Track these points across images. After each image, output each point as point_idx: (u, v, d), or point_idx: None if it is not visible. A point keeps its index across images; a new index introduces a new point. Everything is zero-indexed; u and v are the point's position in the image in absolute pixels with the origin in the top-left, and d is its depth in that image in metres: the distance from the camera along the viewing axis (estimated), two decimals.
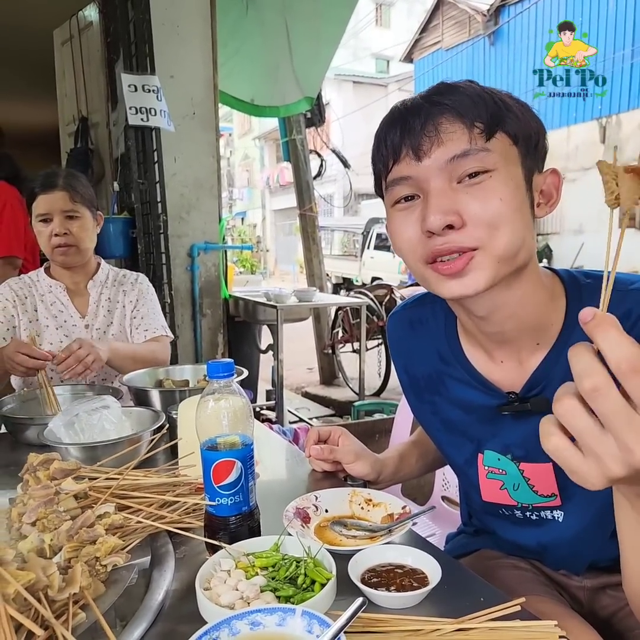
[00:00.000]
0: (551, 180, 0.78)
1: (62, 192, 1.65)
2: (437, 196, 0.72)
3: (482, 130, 0.71)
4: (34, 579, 0.62)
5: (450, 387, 0.89)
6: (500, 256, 0.72)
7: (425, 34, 16.96)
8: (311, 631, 0.57)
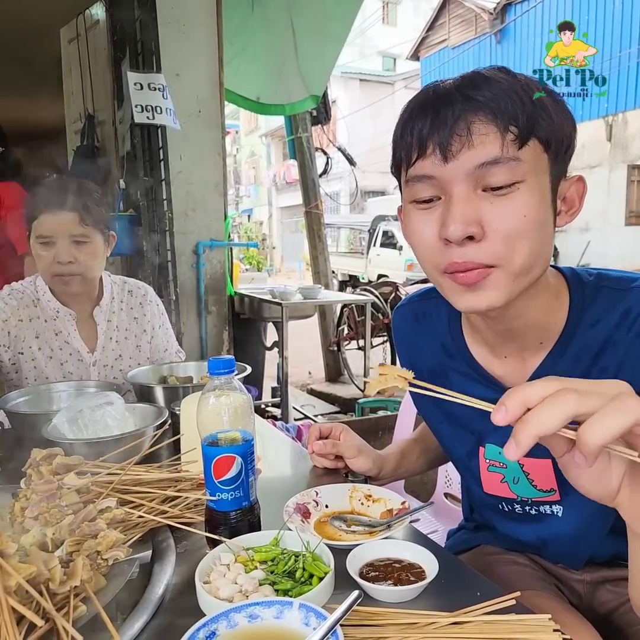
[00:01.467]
0: (576, 187, 0.74)
1: (71, 213, 1.40)
2: (461, 203, 0.68)
3: (515, 136, 0.66)
4: (35, 571, 0.63)
5: (453, 381, 0.89)
6: (517, 274, 0.70)
7: (431, 32, 16.91)
8: (308, 624, 0.58)
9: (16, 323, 1.46)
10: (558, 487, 0.84)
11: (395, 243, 11.24)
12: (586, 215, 11.75)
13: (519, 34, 13.61)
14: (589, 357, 0.77)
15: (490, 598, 0.67)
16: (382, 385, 0.65)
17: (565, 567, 0.93)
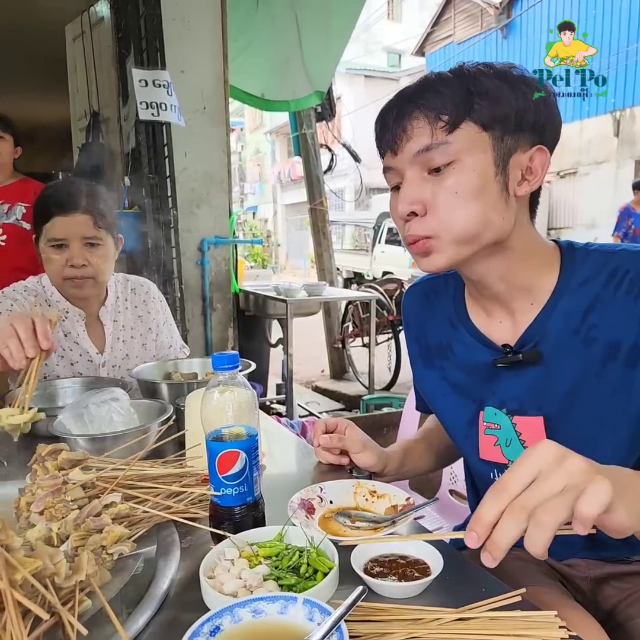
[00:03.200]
0: (539, 159, 0.80)
1: (84, 215, 1.39)
2: (406, 186, 0.81)
3: (446, 123, 0.77)
4: (41, 566, 0.63)
5: (456, 351, 0.94)
6: (457, 240, 0.80)
7: (437, 28, 16.84)
8: (312, 619, 0.58)
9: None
10: None
11: (400, 240, 11.19)
12: (593, 212, 11.70)
13: (525, 29, 13.54)
14: (577, 315, 0.82)
15: (496, 594, 0.67)
16: None
17: (569, 564, 0.93)
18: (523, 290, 0.86)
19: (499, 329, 0.90)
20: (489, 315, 0.91)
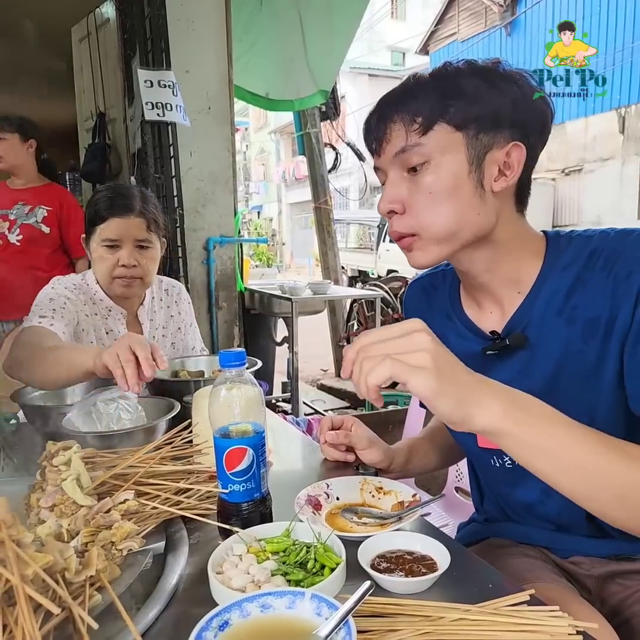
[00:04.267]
0: (515, 154, 0.82)
1: (139, 218, 1.45)
2: (388, 185, 0.85)
3: (419, 125, 0.80)
4: (51, 561, 0.64)
5: (451, 342, 0.95)
6: (436, 239, 0.83)
7: (440, 26, 16.79)
8: (320, 614, 0.59)
9: (84, 317, 1.48)
10: None
11: None
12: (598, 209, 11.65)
13: (529, 26, 13.48)
14: (560, 296, 0.84)
15: (502, 590, 0.67)
16: None
17: (574, 561, 0.94)
18: (510, 281, 0.88)
19: (489, 318, 0.92)
20: (480, 306, 0.94)
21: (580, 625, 0.61)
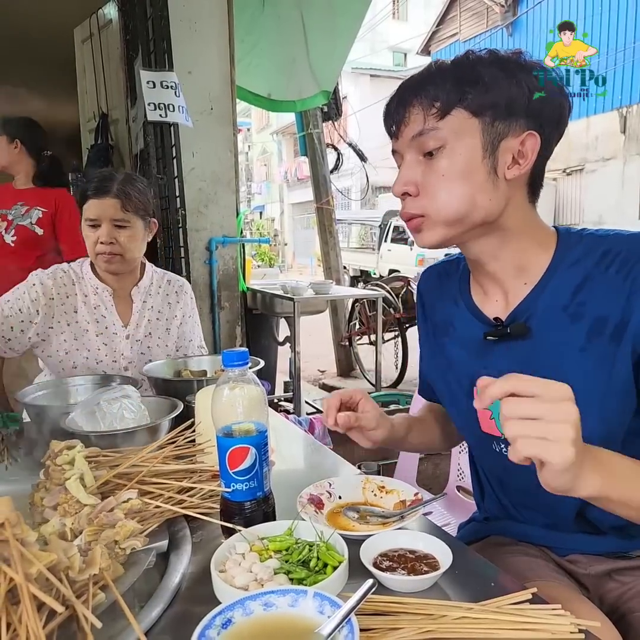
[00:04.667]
0: (530, 143, 0.83)
1: (114, 199, 1.55)
2: (403, 168, 0.87)
3: (437, 109, 0.82)
4: (55, 559, 0.64)
5: (457, 327, 0.99)
6: (445, 221, 0.85)
7: (442, 26, 16.80)
8: (322, 612, 0.59)
9: (46, 301, 1.59)
10: None
11: (407, 238, 11.19)
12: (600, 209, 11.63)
13: (531, 26, 13.48)
14: (567, 292, 0.85)
15: (504, 588, 0.68)
16: None
17: (572, 560, 0.94)
18: (516, 270, 0.90)
19: (493, 306, 0.94)
20: (486, 293, 0.95)
21: (582, 624, 0.61)
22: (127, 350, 1.65)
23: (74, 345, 1.60)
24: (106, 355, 1.63)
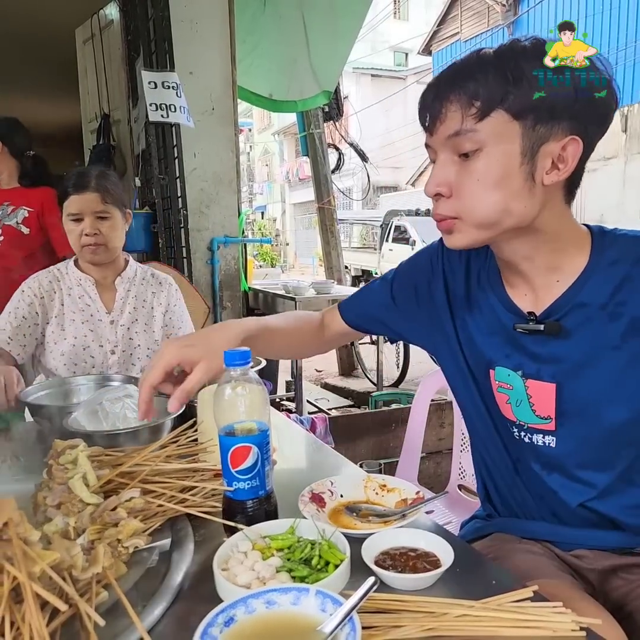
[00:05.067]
0: (571, 147, 0.79)
1: (94, 193, 1.65)
2: (437, 167, 0.85)
3: (477, 109, 0.77)
4: (58, 558, 0.64)
5: (484, 311, 0.97)
6: (477, 225, 0.84)
7: (443, 26, 16.79)
8: (325, 610, 0.59)
9: (39, 302, 1.71)
10: (555, 415, 0.89)
11: (408, 238, 11.21)
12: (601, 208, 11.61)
13: (532, 26, 13.45)
14: (607, 291, 0.85)
15: (506, 587, 0.68)
16: None
17: (577, 555, 0.94)
18: (549, 269, 0.89)
19: (522, 299, 0.93)
20: (513, 286, 0.94)
21: (584, 621, 0.61)
22: (112, 335, 1.73)
23: (61, 335, 1.69)
24: (92, 340, 1.71)
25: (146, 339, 1.76)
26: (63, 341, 1.68)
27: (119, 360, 1.71)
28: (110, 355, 1.70)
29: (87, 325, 1.72)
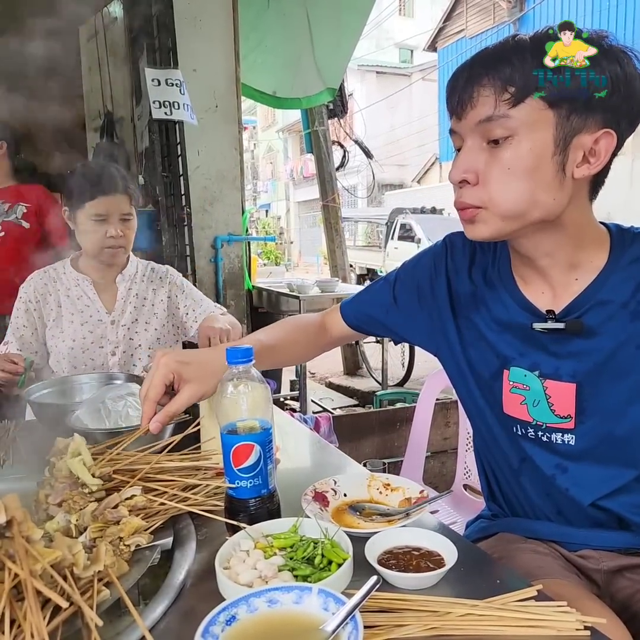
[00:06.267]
0: (604, 141, 0.78)
1: (123, 195, 1.64)
2: (464, 153, 0.82)
3: (511, 95, 0.75)
4: (60, 556, 0.64)
5: (491, 306, 0.95)
6: (502, 215, 0.81)
7: (449, 23, 16.72)
8: (327, 609, 0.59)
9: (34, 306, 1.69)
10: (575, 414, 0.88)
11: (413, 236, 11.18)
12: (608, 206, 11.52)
13: (538, 22, 13.37)
14: (628, 289, 0.84)
15: (511, 586, 0.67)
16: None
17: (583, 555, 0.93)
18: (568, 267, 0.87)
19: (540, 297, 0.91)
20: (528, 283, 0.92)
21: (588, 620, 0.60)
22: (113, 335, 1.70)
23: (60, 338, 1.67)
24: (92, 342, 1.68)
25: (147, 339, 1.73)
26: (62, 344, 1.66)
27: (119, 361, 1.69)
28: (110, 356, 1.68)
29: (87, 326, 1.69)
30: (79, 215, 1.64)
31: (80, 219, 1.64)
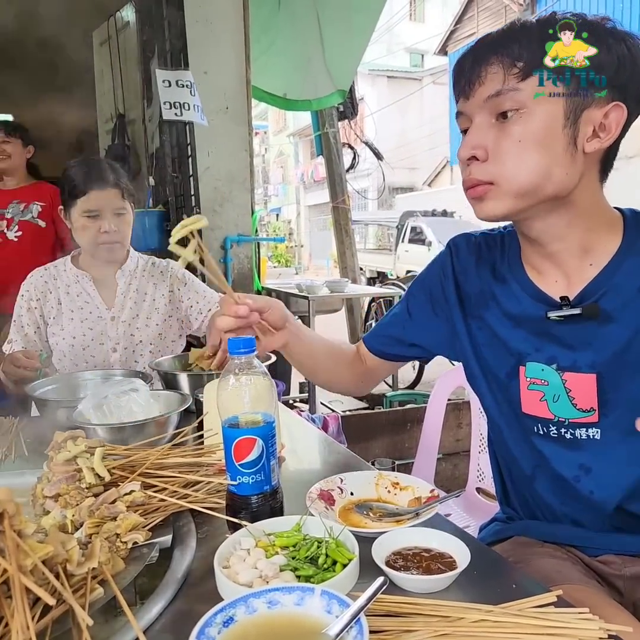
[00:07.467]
0: (614, 114, 0.78)
1: (114, 189, 1.60)
2: (472, 131, 0.81)
3: (519, 70, 0.76)
4: (51, 552, 0.61)
5: (502, 301, 0.93)
6: (515, 191, 0.80)
7: (460, 26, 16.72)
8: (330, 611, 0.55)
9: (35, 305, 1.67)
10: (598, 406, 0.85)
11: (424, 239, 11.13)
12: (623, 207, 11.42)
13: None
14: None
15: (527, 590, 0.63)
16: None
17: (603, 560, 0.89)
18: (581, 251, 0.85)
19: (553, 286, 0.89)
20: (541, 273, 0.90)
21: (612, 629, 0.56)
22: (113, 331, 1.67)
23: (60, 335, 1.65)
24: (92, 339, 1.66)
25: (148, 334, 1.70)
26: (62, 341, 1.64)
27: (120, 358, 1.66)
28: (111, 353, 1.66)
29: (87, 323, 1.67)
30: (72, 213, 1.62)
31: (74, 216, 1.61)
